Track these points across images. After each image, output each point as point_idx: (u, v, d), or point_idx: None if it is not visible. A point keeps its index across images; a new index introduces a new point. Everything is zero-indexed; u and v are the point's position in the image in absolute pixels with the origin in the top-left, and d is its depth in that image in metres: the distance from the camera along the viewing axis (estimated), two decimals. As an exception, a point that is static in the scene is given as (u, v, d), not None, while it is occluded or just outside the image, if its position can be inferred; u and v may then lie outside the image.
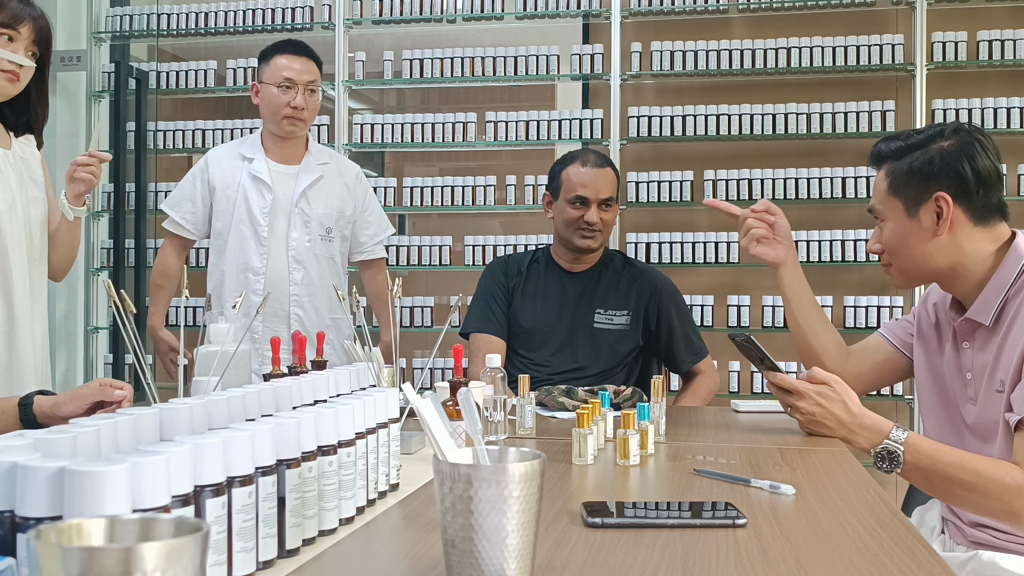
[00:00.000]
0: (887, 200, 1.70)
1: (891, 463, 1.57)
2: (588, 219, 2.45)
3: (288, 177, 2.79)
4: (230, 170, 2.79)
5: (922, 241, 1.65)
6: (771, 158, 3.89)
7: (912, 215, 1.66)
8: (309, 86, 2.72)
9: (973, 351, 1.66)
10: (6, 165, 2.00)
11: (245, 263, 2.75)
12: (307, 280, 2.78)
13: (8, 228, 1.96)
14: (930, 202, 1.64)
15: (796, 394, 1.72)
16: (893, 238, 1.70)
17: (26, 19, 1.96)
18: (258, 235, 2.74)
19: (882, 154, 1.73)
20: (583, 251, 2.51)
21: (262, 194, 2.75)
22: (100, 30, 4.32)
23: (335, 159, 2.91)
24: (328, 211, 2.81)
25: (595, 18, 4.06)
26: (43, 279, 2.09)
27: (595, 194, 2.45)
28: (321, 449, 1.04)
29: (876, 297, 3.73)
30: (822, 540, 1.08)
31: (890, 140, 1.74)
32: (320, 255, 2.80)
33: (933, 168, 1.64)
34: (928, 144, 1.66)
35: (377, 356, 1.57)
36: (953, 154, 1.63)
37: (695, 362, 2.54)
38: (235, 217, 2.76)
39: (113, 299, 1.33)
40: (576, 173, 2.48)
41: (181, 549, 0.56)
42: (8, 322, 1.96)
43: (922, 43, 3.72)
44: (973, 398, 1.65)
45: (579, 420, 1.51)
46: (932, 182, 1.63)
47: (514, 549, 0.84)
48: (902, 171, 1.67)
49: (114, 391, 1.53)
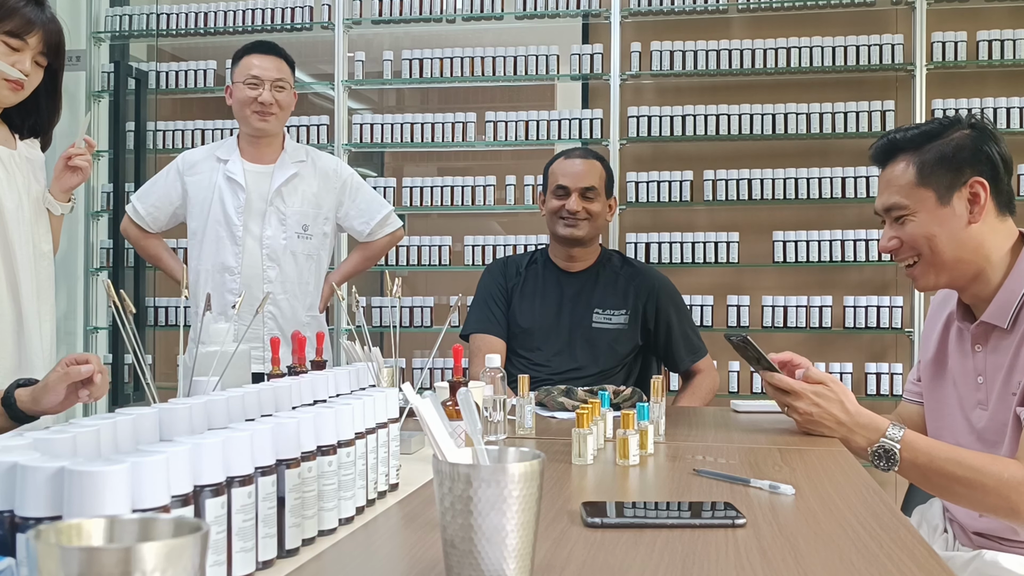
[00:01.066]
0: (915, 191, 1.63)
1: (888, 461, 1.57)
2: (569, 207, 2.47)
3: (263, 176, 2.80)
4: (205, 172, 2.82)
5: (956, 230, 1.61)
6: (771, 158, 3.89)
7: (945, 203, 1.61)
8: (276, 83, 2.74)
9: (986, 354, 1.64)
10: (13, 165, 1.99)
11: (221, 263, 2.77)
12: (282, 278, 2.78)
13: (15, 228, 1.96)
14: (963, 188, 1.60)
15: (793, 394, 1.72)
16: (924, 230, 1.63)
17: (36, 29, 1.93)
18: (233, 234, 2.76)
19: (899, 145, 1.67)
20: (568, 241, 2.52)
21: (236, 194, 2.77)
22: (100, 30, 4.32)
23: (312, 156, 2.90)
24: (304, 208, 2.81)
25: (595, 18, 4.06)
26: (50, 279, 2.08)
27: (575, 182, 2.48)
28: (320, 449, 1.04)
29: (876, 297, 3.73)
30: (821, 540, 1.08)
31: (899, 132, 1.69)
32: (298, 252, 2.80)
33: (965, 153, 1.61)
34: (948, 132, 1.63)
35: (377, 356, 1.57)
36: (980, 140, 1.61)
37: (694, 361, 2.54)
38: (210, 217, 2.78)
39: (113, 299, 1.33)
40: (559, 165, 2.54)
41: (181, 549, 0.56)
42: (17, 322, 1.95)
43: (922, 43, 3.72)
44: (984, 402, 1.64)
45: (579, 420, 1.51)
46: (967, 167, 1.60)
47: (514, 549, 0.84)
48: (932, 159, 1.62)
49: (80, 368, 1.52)
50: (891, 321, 3.70)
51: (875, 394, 3.69)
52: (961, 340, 1.72)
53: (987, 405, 1.63)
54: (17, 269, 1.96)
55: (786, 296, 3.75)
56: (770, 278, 3.92)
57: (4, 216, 1.93)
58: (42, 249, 2.04)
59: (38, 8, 1.97)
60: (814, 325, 3.75)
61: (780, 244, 3.78)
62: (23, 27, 1.92)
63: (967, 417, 1.68)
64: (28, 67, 1.94)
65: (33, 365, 1.97)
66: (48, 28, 1.97)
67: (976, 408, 1.66)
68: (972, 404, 1.67)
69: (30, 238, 2.00)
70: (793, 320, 3.74)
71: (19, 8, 1.93)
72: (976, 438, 1.64)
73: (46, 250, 2.07)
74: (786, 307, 3.75)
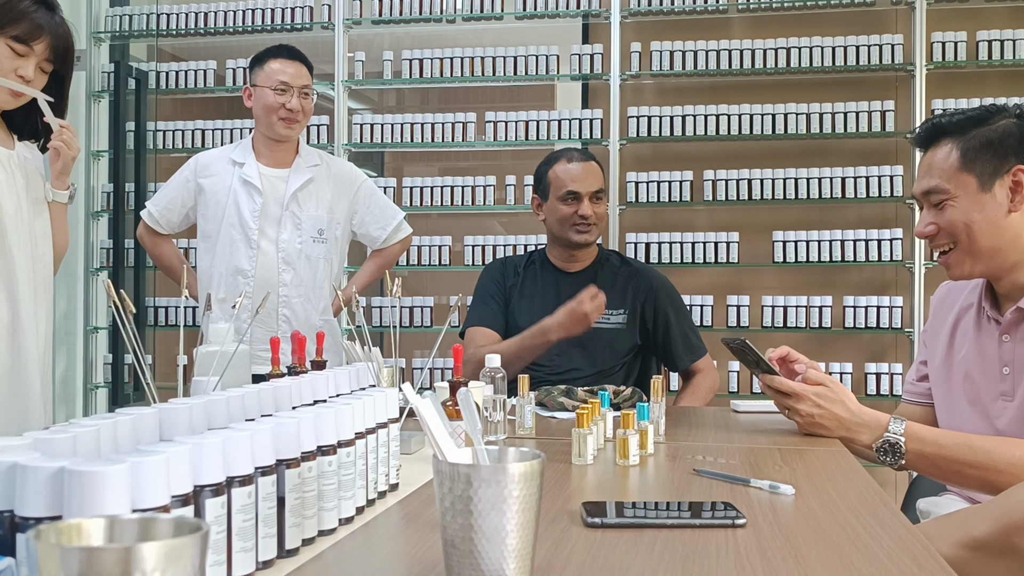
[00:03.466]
0: (958, 176, 1.62)
1: (894, 455, 1.56)
2: (582, 213, 2.46)
3: (279, 180, 2.80)
4: (220, 174, 2.81)
5: (997, 218, 1.60)
6: (771, 158, 3.89)
7: (986, 190, 1.60)
8: (303, 90, 2.75)
9: (1015, 343, 1.62)
10: (12, 166, 1.97)
11: (235, 266, 2.76)
12: (296, 281, 2.78)
13: (14, 230, 1.94)
14: (1007, 176, 1.59)
15: (794, 396, 1.72)
16: (964, 216, 1.61)
17: (44, 35, 1.92)
18: (248, 238, 2.76)
19: (944, 129, 1.65)
20: (580, 246, 2.51)
21: (252, 198, 2.76)
22: (100, 30, 4.32)
23: (326, 160, 2.91)
24: (319, 212, 2.81)
25: (595, 18, 4.06)
26: (48, 281, 2.07)
27: (586, 187, 2.47)
28: (321, 449, 1.04)
29: (876, 297, 3.74)
30: (822, 540, 1.08)
31: (947, 116, 1.66)
32: (312, 256, 2.80)
33: (1011, 141, 1.59)
34: (994, 119, 1.62)
35: (377, 356, 1.57)
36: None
37: (693, 360, 2.54)
38: (225, 220, 2.77)
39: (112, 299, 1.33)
40: (564, 170, 2.50)
41: (181, 549, 0.56)
42: (12, 324, 1.95)
43: (922, 43, 3.72)
44: (1009, 393, 1.62)
45: (579, 420, 1.51)
46: (1012, 155, 1.59)
47: (514, 549, 0.84)
48: (976, 144, 1.60)
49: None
50: (891, 321, 3.70)
51: (875, 394, 3.69)
52: (981, 331, 1.70)
53: (1012, 396, 1.61)
54: (15, 270, 1.95)
55: (786, 296, 3.75)
56: (770, 278, 3.92)
57: (3, 218, 1.92)
58: (39, 250, 2.03)
59: (49, 13, 1.94)
60: (814, 325, 3.75)
61: (780, 244, 3.78)
62: (31, 33, 1.90)
63: (985, 409, 1.66)
64: (31, 73, 1.93)
65: (28, 367, 1.96)
66: (56, 33, 1.95)
67: (999, 399, 1.64)
68: (994, 395, 1.65)
69: (28, 240, 1.99)
70: (793, 320, 3.74)
71: (29, 13, 1.90)
72: (996, 431, 1.63)
73: (43, 251, 2.06)
74: (786, 307, 3.75)
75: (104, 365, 4.24)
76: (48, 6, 1.95)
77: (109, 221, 4.24)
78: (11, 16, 1.89)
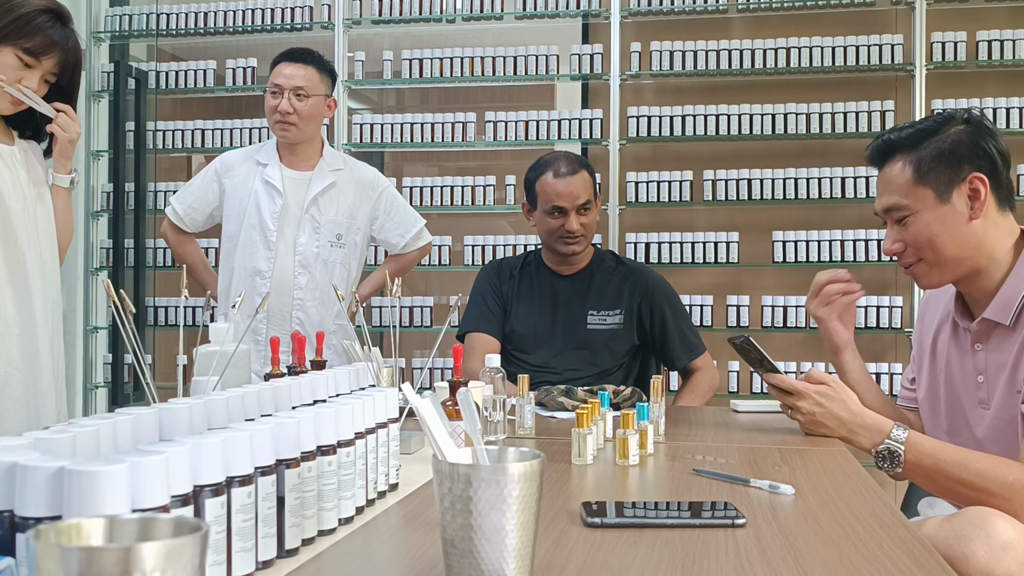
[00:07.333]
0: (914, 191, 1.62)
1: (892, 462, 1.56)
2: (568, 228, 2.45)
3: (301, 183, 2.79)
4: (243, 175, 2.81)
5: (957, 227, 1.60)
6: (770, 158, 3.89)
7: (945, 201, 1.60)
8: (296, 91, 2.71)
9: (987, 352, 1.63)
10: (14, 163, 1.97)
11: (253, 267, 2.76)
12: (312, 285, 2.78)
13: (22, 228, 1.93)
14: (963, 184, 1.59)
15: (796, 395, 1.72)
16: (926, 229, 1.61)
17: (54, 52, 1.92)
18: (267, 239, 2.76)
19: (895, 144, 1.66)
20: (570, 256, 2.51)
21: (273, 199, 2.76)
22: (99, 30, 4.32)
23: (349, 165, 2.89)
24: (339, 217, 2.80)
25: (595, 18, 4.06)
26: (52, 276, 2.06)
27: (571, 202, 2.44)
28: (320, 449, 1.04)
29: (876, 297, 3.74)
30: (821, 540, 1.08)
31: (895, 132, 1.67)
32: (330, 261, 2.79)
33: (963, 149, 1.59)
34: (944, 129, 1.62)
35: (377, 356, 1.57)
36: (977, 135, 1.60)
37: (691, 359, 2.54)
38: (246, 221, 2.78)
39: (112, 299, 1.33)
40: (550, 184, 2.46)
41: (180, 549, 0.56)
42: (24, 324, 1.94)
43: (921, 43, 3.72)
44: (986, 401, 1.63)
45: (578, 420, 1.51)
46: (965, 163, 1.59)
47: (513, 549, 0.84)
48: (929, 156, 1.61)
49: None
50: (891, 321, 3.70)
51: (875, 394, 3.69)
52: (958, 339, 1.71)
53: (989, 404, 1.62)
54: (27, 271, 1.94)
55: (786, 296, 3.75)
56: (770, 278, 3.92)
57: (12, 219, 1.92)
58: (42, 245, 2.03)
59: (63, 29, 1.94)
60: (814, 325, 3.72)
61: (780, 244, 3.78)
62: (43, 48, 1.90)
63: (966, 417, 1.67)
64: (35, 85, 1.93)
65: (42, 364, 1.96)
66: (66, 48, 1.95)
67: (977, 407, 1.65)
68: (972, 403, 1.66)
69: (35, 238, 1.99)
70: (793, 320, 3.74)
71: (44, 28, 1.90)
72: (976, 439, 1.64)
73: (46, 245, 2.05)
74: (786, 307, 3.75)
75: (104, 365, 4.24)
76: (63, 21, 1.95)
77: (109, 221, 4.24)
78: (27, 29, 1.89)
